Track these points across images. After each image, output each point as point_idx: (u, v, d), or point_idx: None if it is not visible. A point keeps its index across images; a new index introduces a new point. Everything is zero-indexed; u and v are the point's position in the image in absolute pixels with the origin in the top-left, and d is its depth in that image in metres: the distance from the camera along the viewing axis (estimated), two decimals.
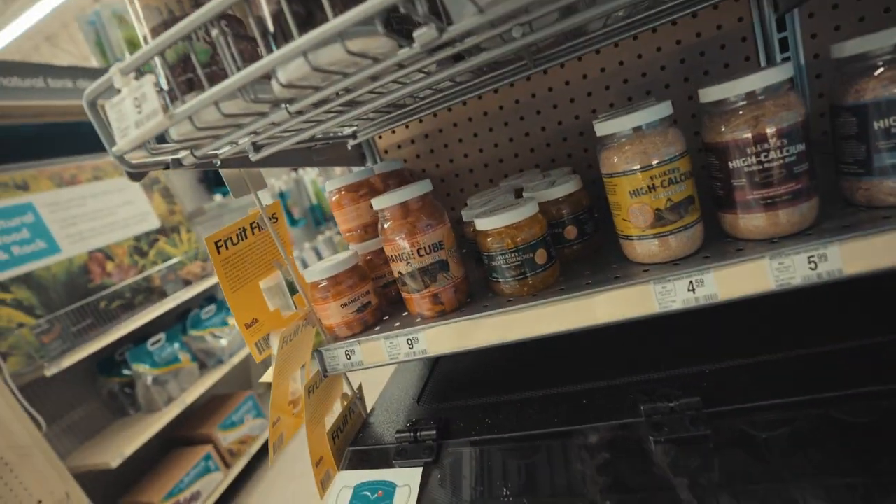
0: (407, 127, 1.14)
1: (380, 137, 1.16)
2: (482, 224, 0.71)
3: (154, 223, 3.10)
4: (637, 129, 0.64)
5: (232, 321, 3.14)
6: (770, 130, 0.59)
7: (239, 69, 0.49)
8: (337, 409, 0.94)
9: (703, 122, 0.66)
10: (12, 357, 2.18)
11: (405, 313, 0.83)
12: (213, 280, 3.04)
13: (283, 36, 0.48)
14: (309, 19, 0.47)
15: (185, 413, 2.69)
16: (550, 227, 0.77)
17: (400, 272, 0.74)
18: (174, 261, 3.01)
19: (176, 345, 2.78)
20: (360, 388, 0.97)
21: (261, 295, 0.86)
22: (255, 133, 0.68)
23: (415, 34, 0.47)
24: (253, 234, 0.83)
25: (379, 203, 0.73)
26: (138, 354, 2.58)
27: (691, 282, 0.63)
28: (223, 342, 2.98)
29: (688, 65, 0.97)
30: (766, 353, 0.71)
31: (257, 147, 0.69)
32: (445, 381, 0.95)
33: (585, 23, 0.63)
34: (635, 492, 0.62)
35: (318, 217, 4.50)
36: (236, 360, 3.01)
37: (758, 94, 0.59)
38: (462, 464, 0.73)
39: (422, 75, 0.62)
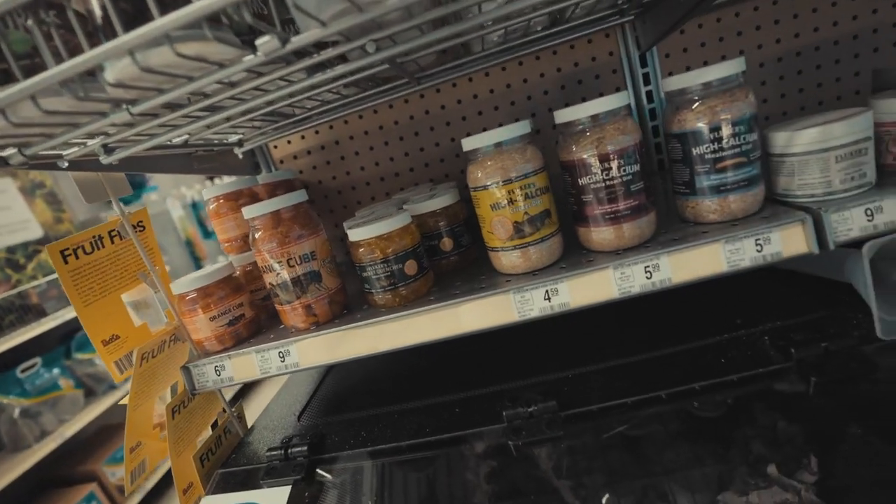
0: (303, 137, 1.13)
1: (275, 147, 1.14)
2: (354, 235, 0.72)
3: (35, 232, 2.79)
4: (498, 145, 0.68)
5: None
6: (610, 151, 0.65)
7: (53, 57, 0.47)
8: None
9: (558, 142, 0.72)
10: None
11: (282, 326, 0.81)
12: None
13: (112, 32, 0.47)
14: (138, 17, 0.46)
15: (63, 448, 2.39)
16: (427, 238, 0.80)
17: (271, 283, 0.73)
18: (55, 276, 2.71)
19: (55, 370, 2.49)
20: (238, 406, 0.92)
21: (123, 309, 0.80)
22: (106, 134, 0.65)
23: (257, 42, 0.47)
24: (112, 243, 0.77)
25: (249, 212, 0.72)
26: (3, 383, 2.27)
27: (547, 291, 0.68)
28: None
29: (567, 91, 1.06)
30: (619, 357, 0.77)
31: (109, 149, 0.65)
32: (330, 395, 0.93)
33: (447, 41, 0.67)
34: (500, 495, 0.64)
35: None
36: None
37: (600, 117, 0.66)
38: (333, 479, 0.72)
39: (284, 83, 0.62)
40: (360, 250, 0.72)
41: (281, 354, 0.74)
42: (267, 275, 0.73)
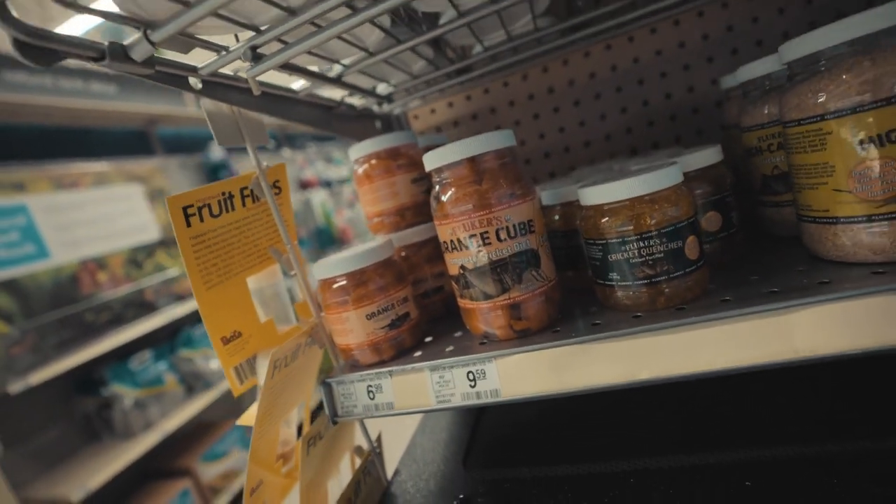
0: (450, 105, 0.88)
1: (415, 117, 0.91)
2: (596, 196, 0.44)
3: (154, 234, 2.83)
4: (868, 40, 0.38)
5: None
6: None
7: None
8: (344, 469, 0.63)
9: None
10: None
11: (458, 332, 0.54)
12: None
13: None
14: None
15: (164, 441, 2.31)
16: None
17: (463, 267, 0.46)
18: (169, 275, 2.72)
19: (162, 365, 2.43)
20: (378, 439, 0.66)
21: (247, 297, 0.57)
22: (257, 31, 0.42)
23: None
24: (244, 205, 0.55)
25: (435, 159, 0.46)
26: (119, 373, 2.24)
27: None
28: (214, 365, 2.63)
29: None
30: None
31: (257, 54, 0.42)
32: (504, 431, 0.64)
33: None
34: None
35: (325, 240, 4.23)
36: (226, 385, 2.65)
37: None
38: None
39: None
40: (605, 220, 0.43)
41: (471, 376, 0.46)
42: (457, 254, 0.46)
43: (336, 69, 0.58)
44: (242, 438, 2.72)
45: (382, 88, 0.74)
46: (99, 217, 2.56)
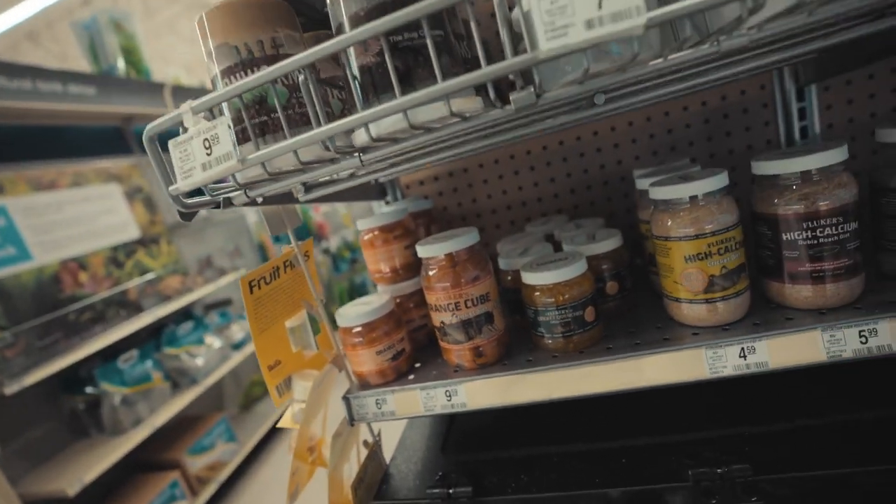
0: (430, 164, 1.12)
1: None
2: (531, 279, 0.69)
3: (134, 233, 2.95)
4: (694, 197, 0.64)
5: (210, 339, 2.98)
6: (824, 208, 0.59)
7: (318, 114, 0.46)
8: (353, 457, 0.88)
9: (754, 193, 0.66)
10: None
11: (438, 359, 0.80)
12: (193, 296, 2.89)
13: (373, 88, 0.46)
14: (407, 74, 0.44)
15: (153, 435, 2.50)
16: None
17: (443, 322, 0.71)
18: (152, 275, 2.85)
19: (149, 363, 2.60)
20: (379, 434, 0.91)
21: (284, 335, 0.81)
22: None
23: (513, 97, 0.45)
24: (285, 272, 0.78)
25: (426, 252, 0.70)
26: (107, 372, 2.40)
27: (743, 348, 0.62)
28: (199, 361, 2.81)
29: (711, 125, 1.00)
30: (811, 417, 0.71)
31: (308, 188, 0.65)
32: (471, 428, 0.91)
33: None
34: None
35: (303, 234, 4.39)
36: (211, 380, 2.84)
37: (813, 174, 0.60)
38: None
39: (491, 130, 0.60)
40: (536, 294, 0.69)
41: (448, 394, 0.72)
42: (440, 313, 0.71)
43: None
44: (227, 432, 2.93)
45: None
46: (78, 217, 2.66)
